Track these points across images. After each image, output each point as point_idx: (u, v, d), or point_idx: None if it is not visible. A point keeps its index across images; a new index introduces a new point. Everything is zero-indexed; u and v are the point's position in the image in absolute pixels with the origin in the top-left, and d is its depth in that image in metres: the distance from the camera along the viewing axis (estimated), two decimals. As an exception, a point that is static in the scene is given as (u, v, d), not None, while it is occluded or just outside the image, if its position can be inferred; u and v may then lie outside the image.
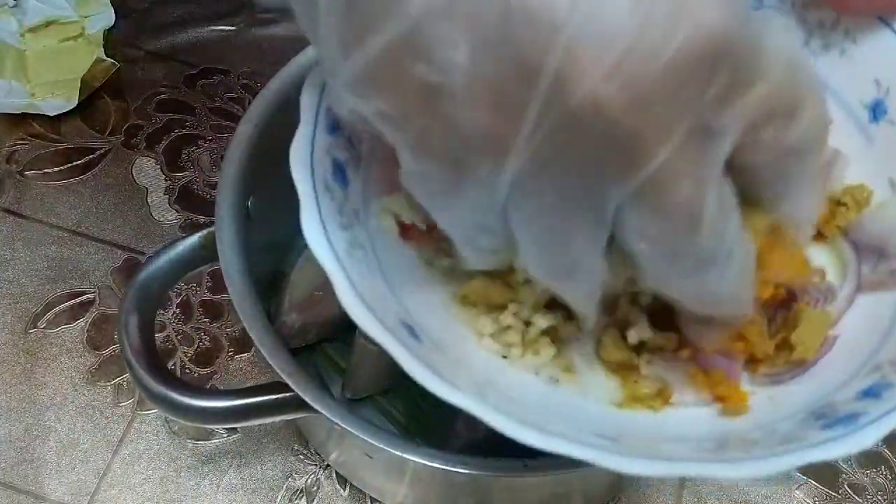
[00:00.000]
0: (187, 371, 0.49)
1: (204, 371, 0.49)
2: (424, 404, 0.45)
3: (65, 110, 0.57)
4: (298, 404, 0.35)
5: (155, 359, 0.36)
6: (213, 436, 0.47)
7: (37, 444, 0.47)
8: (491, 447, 0.33)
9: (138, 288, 0.37)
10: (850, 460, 0.48)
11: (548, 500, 0.42)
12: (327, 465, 0.47)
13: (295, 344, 0.45)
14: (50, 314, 0.51)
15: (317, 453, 0.47)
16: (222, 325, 0.51)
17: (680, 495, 0.47)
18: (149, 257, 0.38)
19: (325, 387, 0.46)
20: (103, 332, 0.50)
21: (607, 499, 0.46)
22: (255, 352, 0.49)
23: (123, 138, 0.57)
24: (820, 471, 0.48)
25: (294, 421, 0.45)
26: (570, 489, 0.42)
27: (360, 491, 0.46)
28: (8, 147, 0.56)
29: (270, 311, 0.43)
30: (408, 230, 0.33)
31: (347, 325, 0.27)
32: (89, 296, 0.51)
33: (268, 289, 0.45)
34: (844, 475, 0.48)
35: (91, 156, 0.56)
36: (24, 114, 0.57)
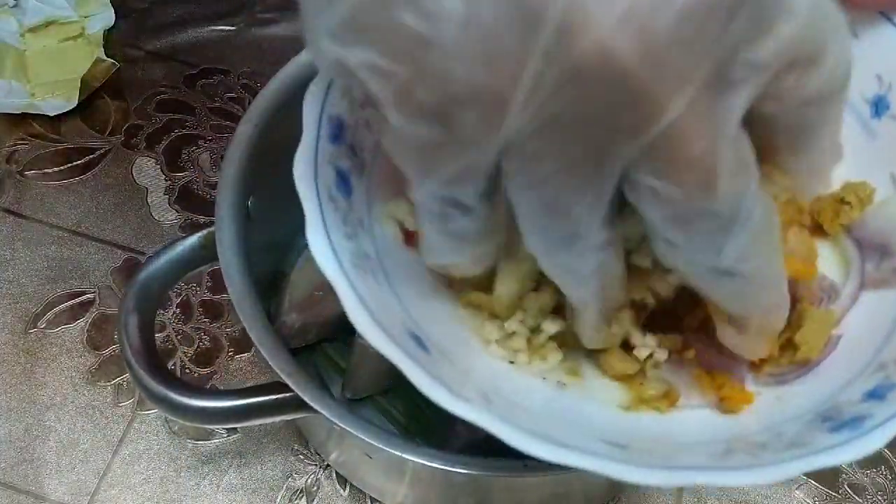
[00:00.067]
0: (187, 371, 0.49)
1: (204, 371, 0.49)
2: (424, 404, 0.45)
3: (65, 110, 0.57)
4: (298, 404, 0.35)
5: (155, 359, 0.36)
6: (213, 436, 0.47)
7: (37, 444, 0.47)
8: (491, 447, 0.33)
9: (138, 288, 0.37)
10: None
11: (548, 500, 0.42)
12: (327, 465, 0.47)
13: (295, 344, 0.45)
14: (50, 314, 0.51)
15: (317, 453, 0.47)
16: (222, 325, 0.51)
17: (680, 495, 0.47)
18: (149, 257, 0.38)
19: (325, 387, 0.46)
20: (103, 332, 0.50)
21: (607, 499, 0.46)
22: (255, 352, 0.49)
23: (123, 138, 0.57)
24: (820, 471, 0.48)
25: (294, 421, 0.45)
26: (570, 489, 0.42)
27: (360, 491, 0.46)
28: (8, 147, 0.56)
29: (270, 311, 0.43)
30: (411, 237, 0.33)
31: (347, 325, 0.27)
32: (89, 296, 0.51)
33: (268, 289, 0.45)
34: (844, 475, 0.48)
35: (91, 156, 0.56)
36: (24, 114, 0.57)
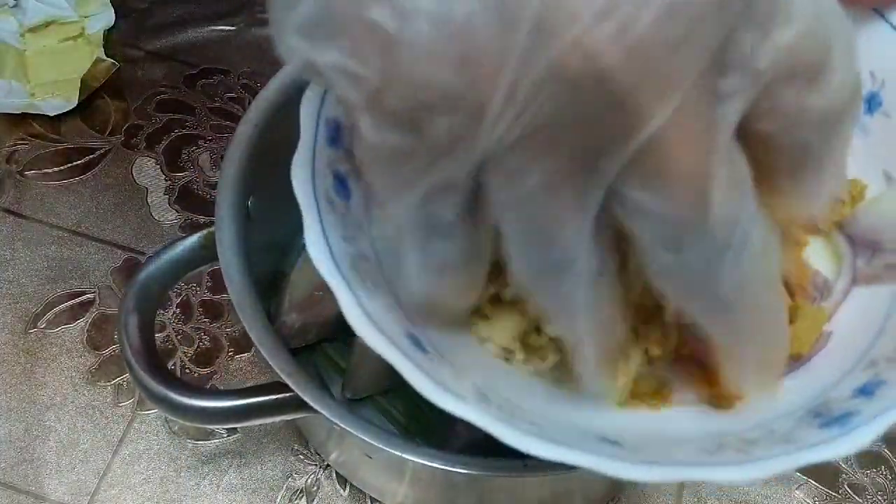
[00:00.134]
0: (187, 371, 0.49)
1: (204, 371, 0.49)
2: (424, 404, 0.45)
3: (65, 110, 0.57)
4: (298, 404, 0.35)
5: (155, 359, 0.36)
6: (213, 436, 0.47)
7: (37, 444, 0.47)
8: (491, 447, 0.33)
9: (138, 288, 0.37)
10: (850, 460, 0.48)
11: (548, 500, 0.42)
12: (327, 465, 0.47)
13: (295, 344, 0.45)
14: (50, 314, 0.51)
15: (317, 453, 0.47)
16: (222, 325, 0.51)
17: (680, 495, 0.47)
18: (149, 257, 0.38)
19: (325, 387, 0.46)
20: (103, 332, 0.50)
21: (607, 499, 0.46)
22: (255, 352, 0.49)
23: (123, 138, 0.57)
24: (820, 471, 0.48)
25: (294, 421, 0.45)
26: (570, 489, 0.42)
27: (360, 491, 0.46)
28: (8, 147, 0.56)
29: (270, 311, 0.43)
30: None
31: (347, 325, 0.27)
32: (89, 296, 0.51)
33: (268, 289, 0.45)
34: (844, 475, 0.48)
35: (91, 156, 0.56)
36: (24, 114, 0.57)
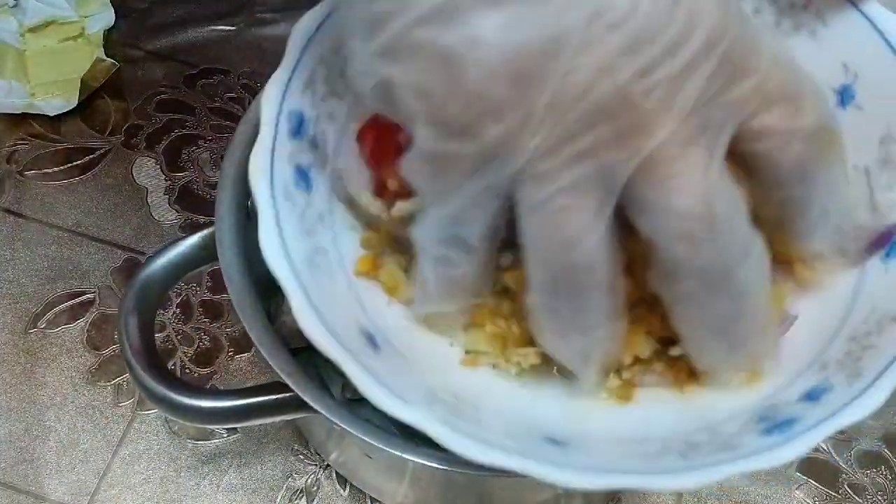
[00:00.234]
0: (187, 371, 0.49)
1: (204, 371, 0.49)
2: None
3: (65, 110, 0.57)
4: (298, 404, 0.35)
5: (155, 359, 0.36)
6: (213, 436, 0.47)
7: (37, 444, 0.47)
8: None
9: (138, 288, 0.37)
10: (850, 460, 0.48)
11: (548, 500, 0.42)
12: (327, 465, 0.47)
13: (295, 344, 0.45)
14: (50, 314, 0.51)
15: (317, 453, 0.47)
16: (222, 325, 0.51)
17: (680, 495, 0.47)
18: (149, 257, 0.38)
19: (325, 387, 0.46)
20: (103, 332, 0.50)
21: (608, 499, 0.46)
22: (255, 352, 0.49)
23: (123, 138, 0.57)
24: (820, 471, 0.48)
25: (294, 421, 0.45)
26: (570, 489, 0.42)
27: (360, 491, 0.46)
28: (8, 147, 0.56)
29: (270, 311, 0.43)
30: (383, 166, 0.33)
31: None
32: (89, 296, 0.51)
33: (268, 289, 0.45)
34: (844, 475, 0.48)
35: (91, 156, 0.56)
36: (24, 114, 0.57)
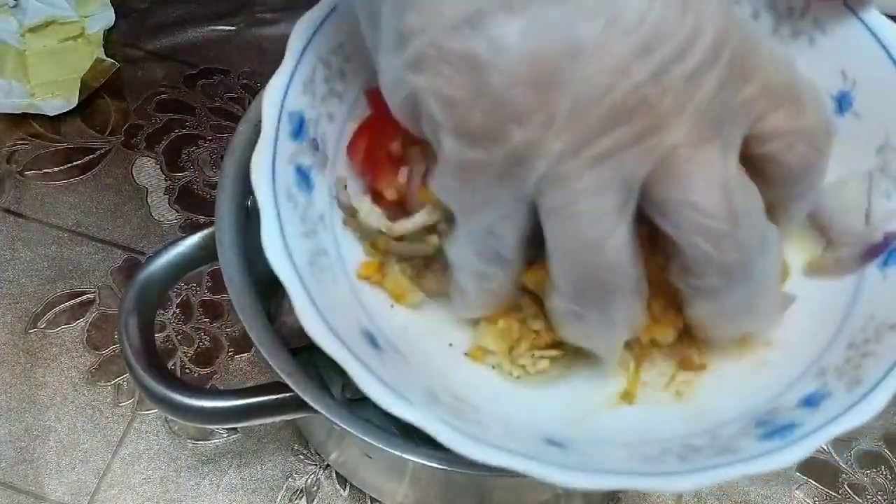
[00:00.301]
0: (187, 371, 0.49)
1: (204, 371, 0.49)
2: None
3: (65, 110, 0.57)
4: (298, 404, 0.35)
5: (155, 359, 0.36)
6: (213, 436, 0.47)
7: (37, 444, 0.47)
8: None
9: (138, 288, 0.37)
10: (850, 460, 0.48)
11: (548, 500, 0.42)
12: (327, 465, 0.47)
13: (295, 344, 0.45)
14: (50, 314, 0.51)
15: (317, 453, 0.47)
16: (222, 325, 0.51)
17: (680, 496, 0.47)
18: (149, 257, 0.38)
19: (325, 387, 0.46)
20: (103, 332, 0.50)
21: (608, 499, 0.46)
22: (255, 352, 0.49)
23: (123, 138, 0.57)
24: (820, 471, 0.48)
25: (294, 421, 0.45)
26: (570, 489, 0.42)
27: (360, 491, 0.46)
28: (8, 147, 0.56)
29: (270, 311, 0.43)
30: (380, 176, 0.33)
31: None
32: (89, 296, 0.51)
33: (268, 289, 0.45)
34: (844, 475, 0.48)
35: (91, 156, 0.56)
36: (24, 114, 0.57)
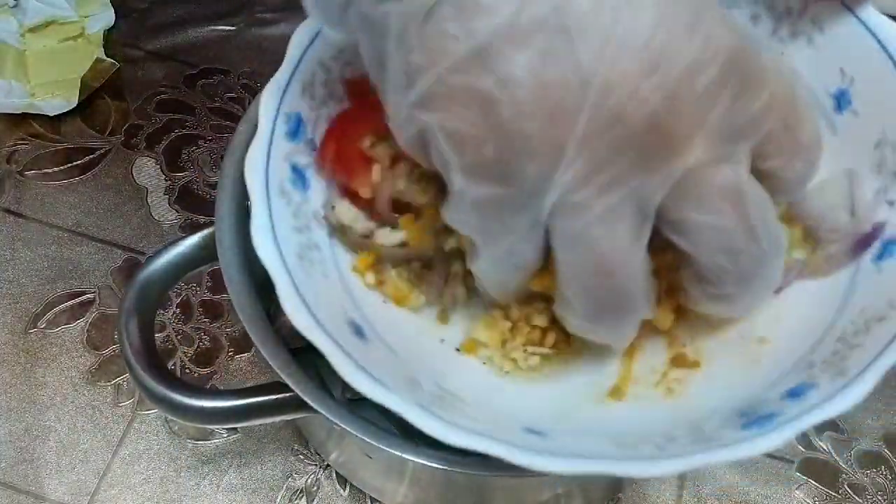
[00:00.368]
0: (187, 371, 0.49)
1: (204, 371, 0.49)
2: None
3: (65, 110, 0.57)
4: (298, 404, 0.35)
5: (155, 359, 0.36)
6: (213, 436, 0.47)
7: (37, 444, 0.47)
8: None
9: (138, 288, 0.37)
10: (850, 460, 0.48)
11: (548, 500, 0.42)
12: (327, 465, 0.47)
13: (295, 344, 0.45)
14: (50, 314, 0.51)
15: (317, 453, 0.47)
16: (222, 325, 0.51)
17: (680, 495, 0.47)
18: (149, 257, 0.38)
19: (324, 387, 0.46)
20: (103, 332, 0.50)
21: (607, 499, 0.46)
22: (255, 352, 0.49)
23: (123, 138, 0.57)
24: (820, 471, 0.48)
25: (294, 421, 0.45)
26: (570, 489, 0.42)
27: (360, 491, 0.46)
28: (8, 147, 0.56)
29: (270, 311, 0.43)
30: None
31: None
32: (89, 296, 0.51)
33: (268, 289, 0.45)
34: (844, 475, 0.48)
35: (91, 156, 0.56)
36: (24, 114, 0.57)
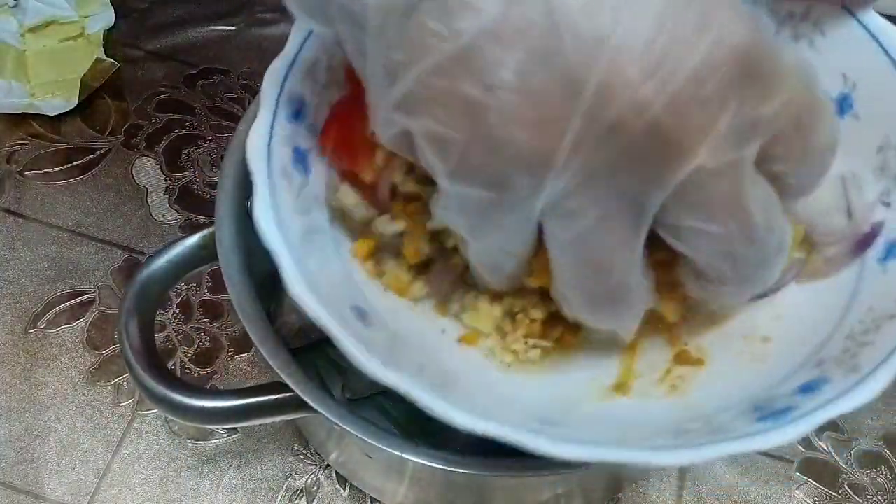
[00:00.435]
0: (187, 371, 0.49)
1: (204, 371, 0.49)
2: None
3: (65, 110, 0.57)
4: (298, 404, 0.35)
5: (155, 359, 0.36)
6: (213, 436, 0.47)
7: (37, 444, 0.47)
8: (491, 447, 0.33)
9: (138, 288, 0.37)
10: (850, 460, 0.48)
11: (548, 500, 0.42)
12: (327, 465, 0.47)
13: (295, 344, 0.45)
14: (50, 314, 0.51)
15: (317, 453, 0.47)
16: (222, 325, 0.51)
17: (680, 495, 0.47)
18: (149, 257, 0.38)
19: (325, 387, 0.46)
20: (103, 332, 0.50)
21: (607, 499, 0.46)
22: (255, 352, 0.49)
23: (123, 138, 0.57)
24: (820, 471, 0.48)
25: (294, 421, 0.45)
26: (570, 489, 0.42)
27: (360, 491, 0.46)
28: (8, 147, 0.56)
29: (270, 311, 0.43)
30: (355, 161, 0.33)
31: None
32: (89, 296, 0.51)
33: (268, 289, 0.45)
34: (844, 475, 0.48)
35: (91, 156, 0.56)
36: (24, 114, 0.57)
